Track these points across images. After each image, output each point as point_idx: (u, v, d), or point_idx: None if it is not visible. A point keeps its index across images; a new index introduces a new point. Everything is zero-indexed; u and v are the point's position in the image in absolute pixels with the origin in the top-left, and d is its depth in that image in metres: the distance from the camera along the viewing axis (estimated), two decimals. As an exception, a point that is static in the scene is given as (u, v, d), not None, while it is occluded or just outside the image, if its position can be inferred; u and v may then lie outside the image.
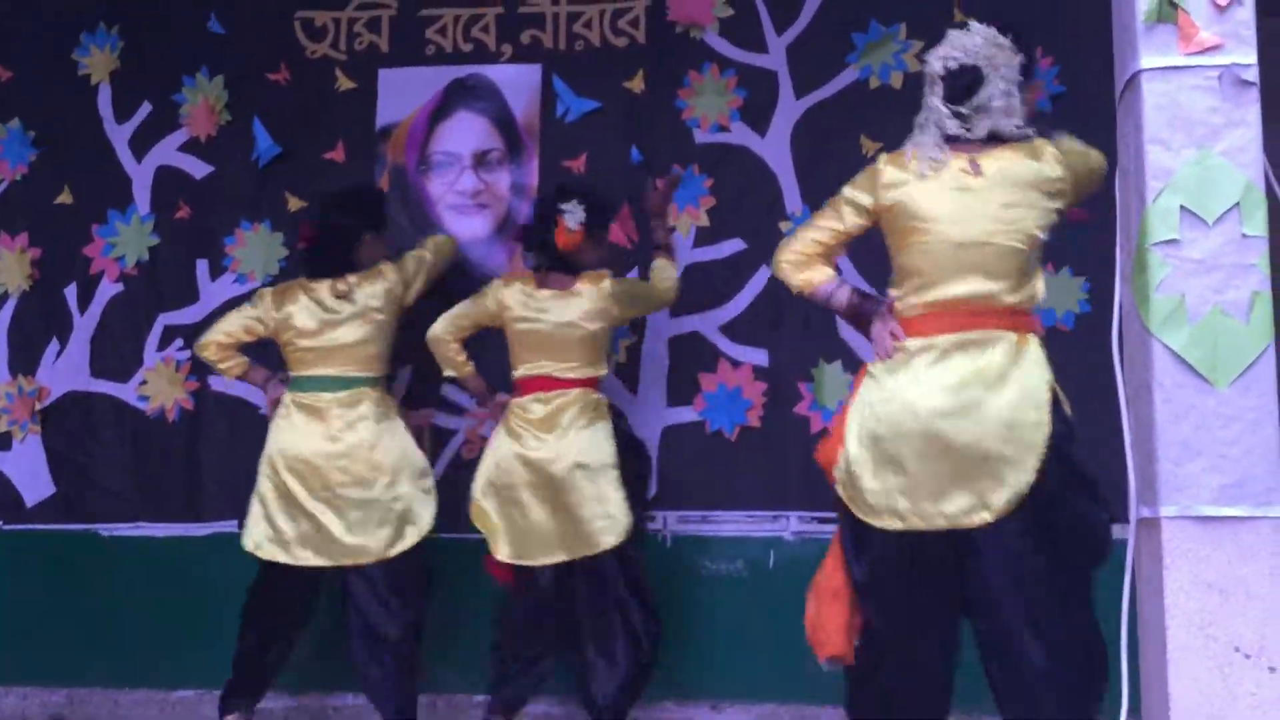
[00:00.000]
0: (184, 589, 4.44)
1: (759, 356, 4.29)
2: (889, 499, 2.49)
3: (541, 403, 3.75)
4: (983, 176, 2.51)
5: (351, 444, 3.78)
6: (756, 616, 4.18)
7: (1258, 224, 1.86)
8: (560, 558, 3.68)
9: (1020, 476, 2.26)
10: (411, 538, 3.79)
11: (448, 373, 3.95)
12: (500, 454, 3.76)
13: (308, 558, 3.76)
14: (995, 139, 2.56)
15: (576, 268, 3.84)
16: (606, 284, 3.83)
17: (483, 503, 3.75)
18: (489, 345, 4.01)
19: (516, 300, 3.82)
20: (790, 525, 4.22)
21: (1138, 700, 1.97)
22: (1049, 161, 2.47)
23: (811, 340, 4.23)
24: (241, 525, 3.92)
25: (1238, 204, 1.85)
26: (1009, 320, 2.45)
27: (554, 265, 3.84)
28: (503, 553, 3.71)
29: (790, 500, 4.20)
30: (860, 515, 2.59)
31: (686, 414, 4.25)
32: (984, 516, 2.30)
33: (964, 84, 2.60)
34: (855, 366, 4.19)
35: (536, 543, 3.70)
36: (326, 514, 3.75)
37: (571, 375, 3.77)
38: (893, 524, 2.50)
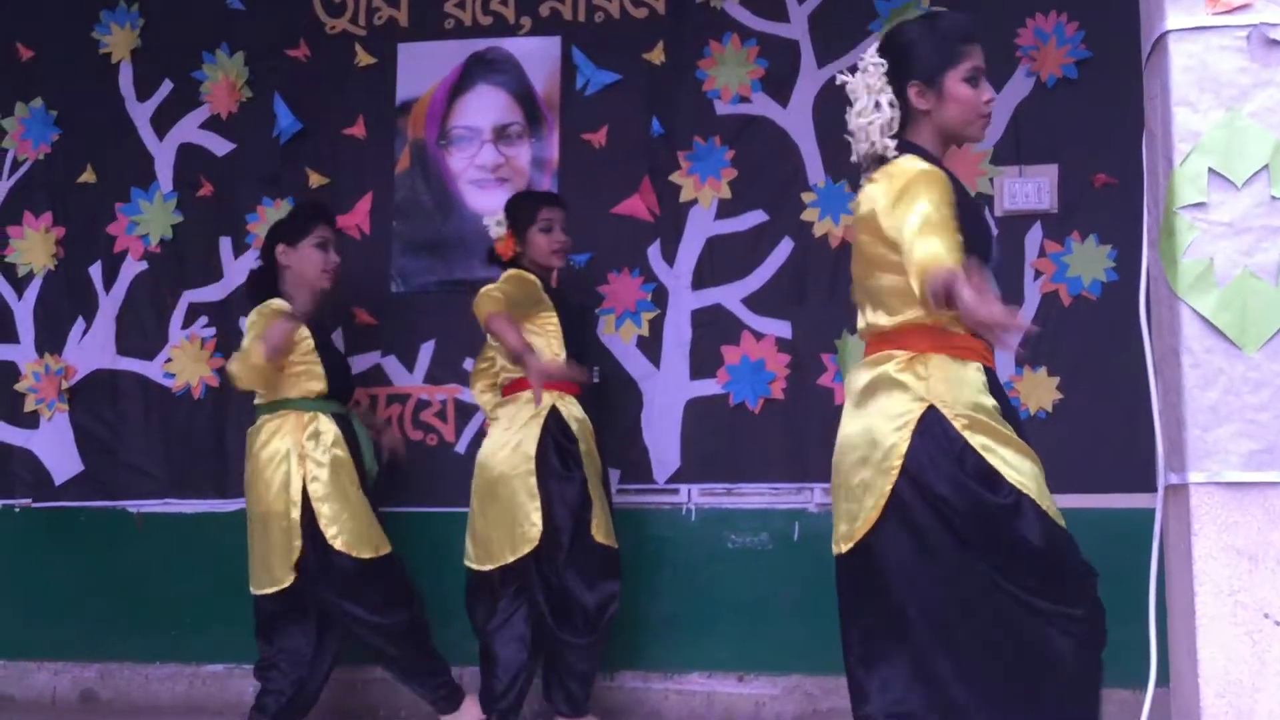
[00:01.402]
0: (212, 565, 4.46)
1: (782, 328, 4.28)
2: None
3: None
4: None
5: None
6: (781, 588, 4.18)
7: (1288, 186, 1.83)
8: None
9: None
10: None
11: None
12: None
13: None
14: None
15: (539, 268, 3.93)
16: None
17: None
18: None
19: None
20: (814, 497, 4.21)
21: (1166, 667, 1.96)
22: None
23: (834, 311, 4.20)
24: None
25: (1266, 165, 1.82)
26: (894, 342, 2.27)
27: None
28: None
29: (814, 472, 4.18)
30: None
31: (710, 386, 4.25)
32: None
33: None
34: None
35: None
36: None
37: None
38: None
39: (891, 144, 2.30)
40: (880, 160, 2.32)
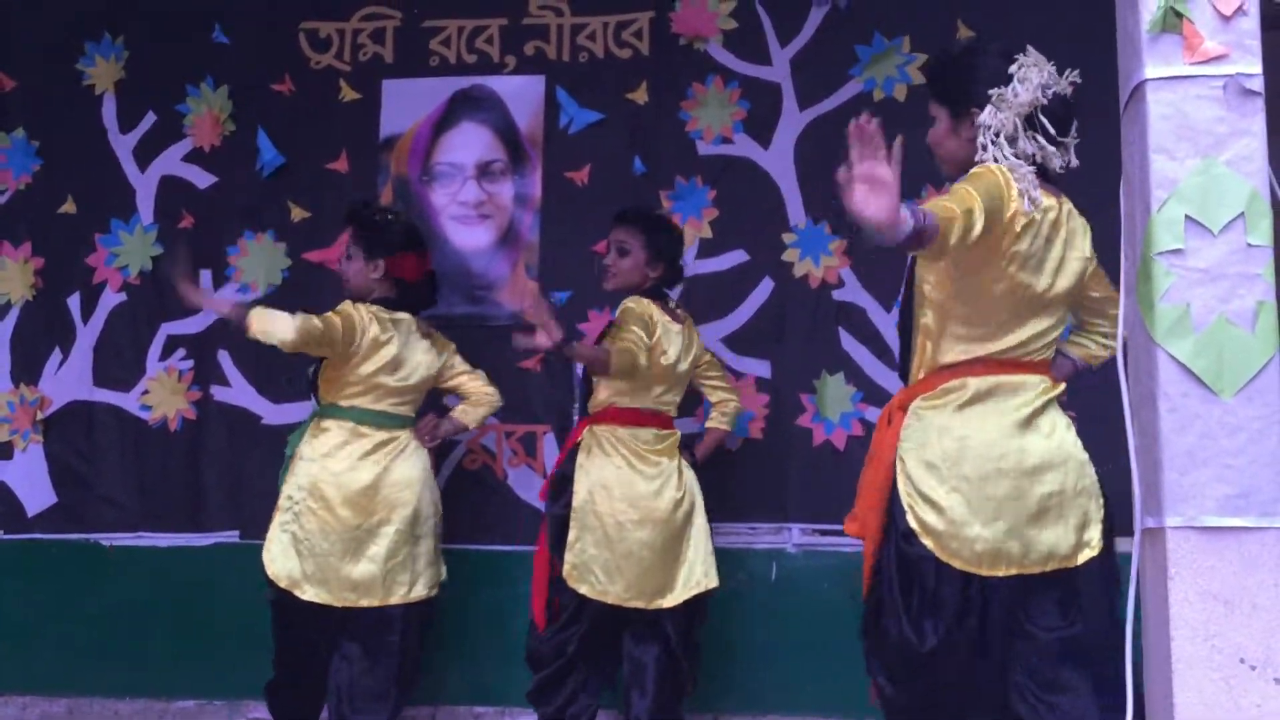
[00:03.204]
0: (185, 599, 4.43)
1: (761, 368, 4.29)
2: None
3: None
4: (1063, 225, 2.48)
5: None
6: (759, 629, 4.18)
7: (1262, 233, 1.85)
8: None
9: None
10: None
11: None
12: None
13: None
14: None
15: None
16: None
17: None
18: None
19: None
20: (793, 537, 4.22)
21: (1142, 712, 1.96)
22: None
23: (814, 352, 4.24)
24: (244, 536, 3.90)
25: (1242, 213, 1.84)
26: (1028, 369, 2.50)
27: None
28: None
29: (793, 512, 4.20)
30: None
31: (689, 425, 4.24)
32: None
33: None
34: (858, 378, 4.20)
35: None
36: None
37: None
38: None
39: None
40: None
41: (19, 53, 4.82)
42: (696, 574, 3.68)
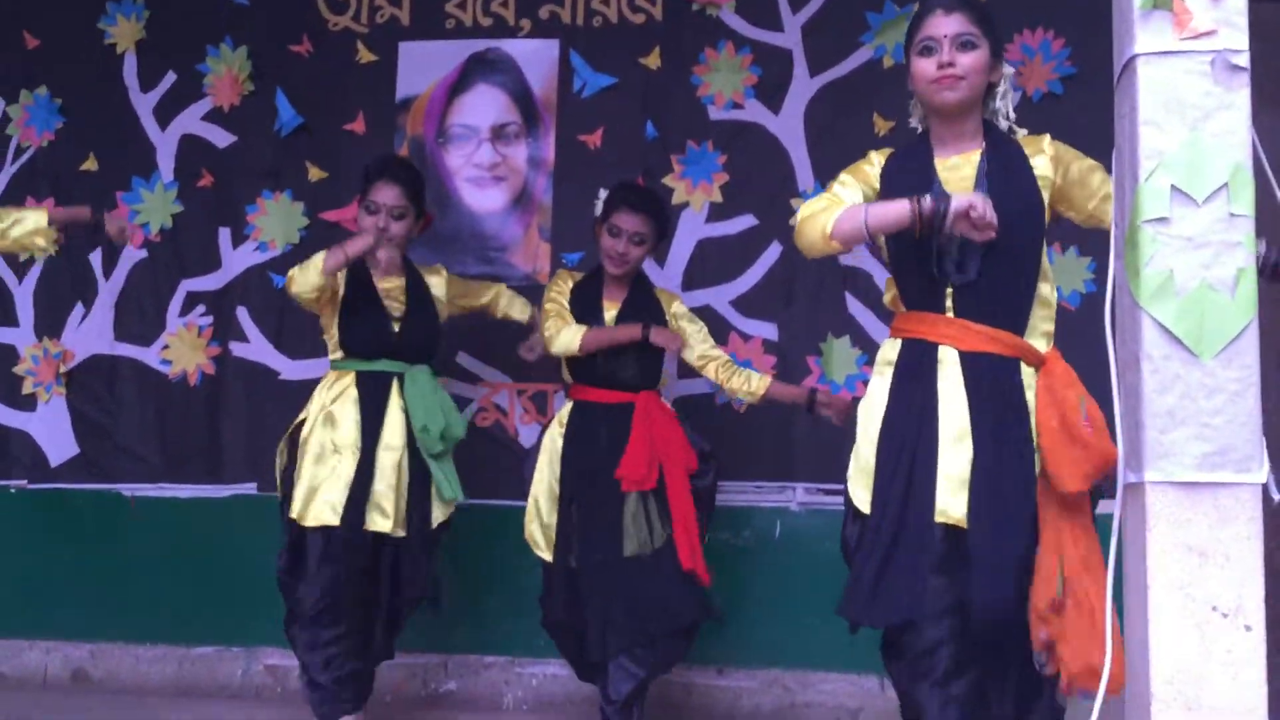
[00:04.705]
0: (204, 549, 4.55)
1: (769, 330, 4.37)
2: None
3: None
4: None
5: None
6: (762, 584, 4.27)
7: (1244, 203, 1.92)
8: None
9: None
10: None
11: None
12: None
13: None
14: None
15: None
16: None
17: None
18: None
19: None
20: (796, 496, 4.31)
21: (1121, 658, 2.06)
22: None
23: (820, 315, 4.32)
24: (261, 488, 3.96)
25: (1226, 184, 1.91)
26: None
27: None
28: None
29: (797, 472, 4.29)
30: None
31: (697, 386, 4.33)
32: None
33: None
34: (863, 342, 4.28)
35: None
36: None
37: None
38: None
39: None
40: None
41: (42, 12, 4.89)
42: None
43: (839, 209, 2.53)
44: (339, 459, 3.62)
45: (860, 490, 2.63)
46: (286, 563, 3.63)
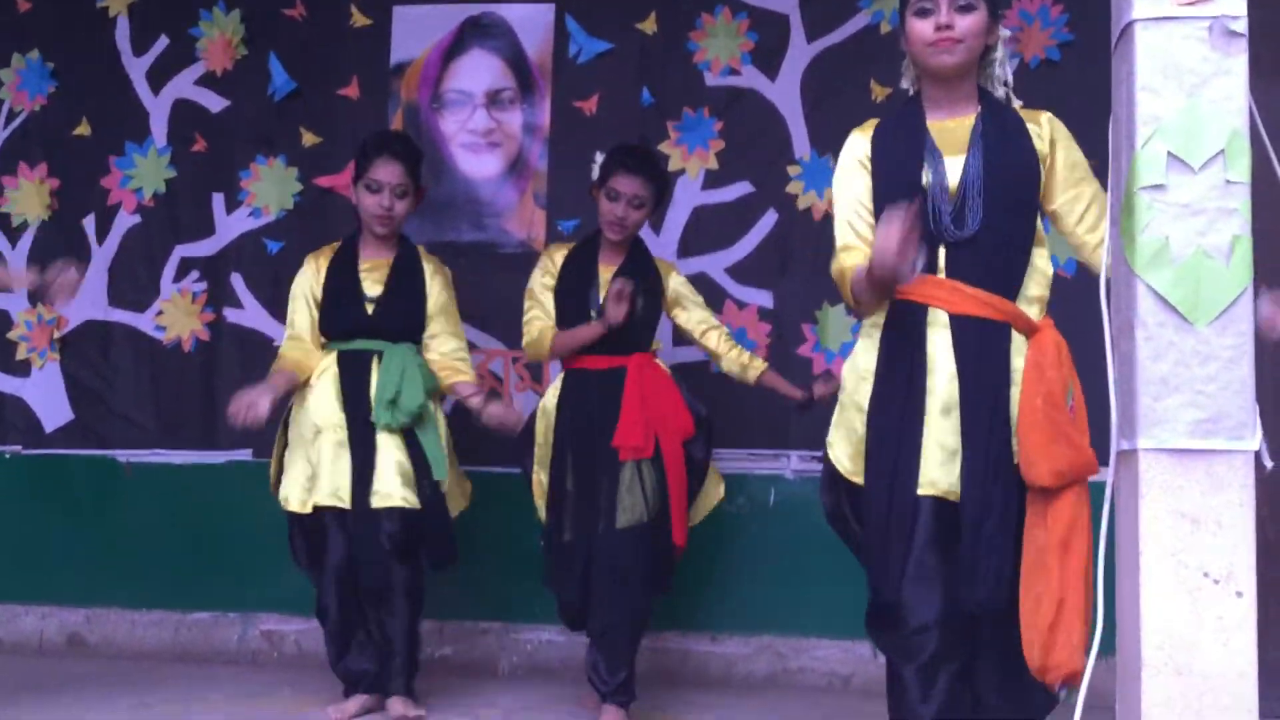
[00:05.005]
0: (200, 515, 4.56)
1: (764, 298, 4.37)
2: None
3: None
4: None
5: None
6: (756, 551, 4.29)
7: (1241, 170, 1.91)
8: None
9: None
10: None
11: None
12: None
13: None
14: None
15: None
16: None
17: None
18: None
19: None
20: (791, 464, 4.32)
21: (1113, 623, 2.07)
22: None
23: (816, 283, 4.29)
24: (256, 454, 3.97)
25: (1222, 150, 1.91)
26: None
27: None
28: None
29: (792, 439, 4.29)
30: None
31: (692, 353, 4.32)
32: None
33: None
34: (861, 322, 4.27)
35: None
36: None
37: None
38: None
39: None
40: None
41: (34, -25, 4.86)
42: None
43: (852, 266, 2.55)
44: (321, 439, 3.60)
45: (846, 459, 2.61)
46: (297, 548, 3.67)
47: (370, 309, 3.69)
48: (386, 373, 3.60)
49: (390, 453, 3.60)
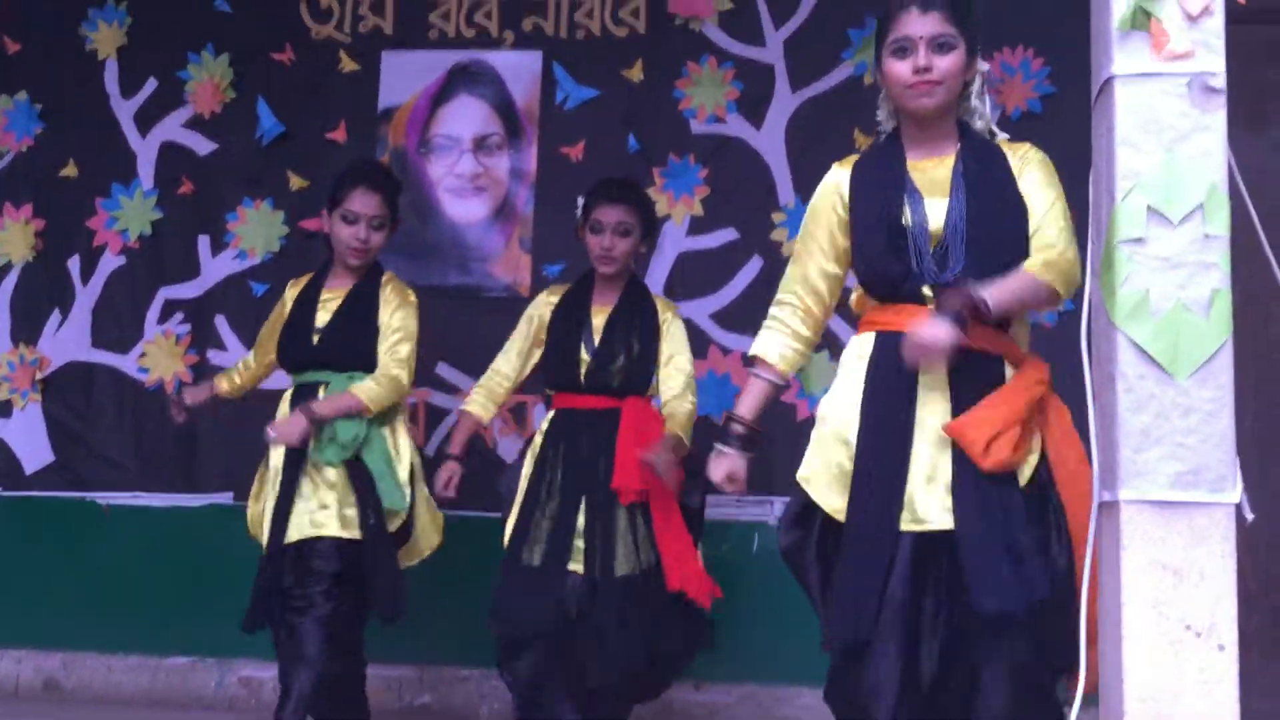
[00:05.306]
0: (179, 558, 4.52)
1: (748, 344, 4.32)
2: None
3: None
4: None
5: None
6: (740, 599, 4.25)
7: (1220, 224, 1.93)
8: None
9: None
10: None
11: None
12: None
13: None
14: None
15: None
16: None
17: None
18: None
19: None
20: (774, 510, 4.30)
21: (1095, 675, 2.06)
22: None
23: (800, 330, 4.31)
24: (237, 497, 3.95)
25: (1201, 205, 1.93)
26: None
27: None
28: None
29: (777, 486, 4.26)
30: None
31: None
32: None
33: None
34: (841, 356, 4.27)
35: None
36: None
37: None
38: None
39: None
40: None
41: (23, 17, 4.88)
42: None
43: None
44: (277, 478, 3.55)
45: (832, 495, 2.48)
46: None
47: (316, 339, 3.63)
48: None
49: (324, 486, 3.49)
